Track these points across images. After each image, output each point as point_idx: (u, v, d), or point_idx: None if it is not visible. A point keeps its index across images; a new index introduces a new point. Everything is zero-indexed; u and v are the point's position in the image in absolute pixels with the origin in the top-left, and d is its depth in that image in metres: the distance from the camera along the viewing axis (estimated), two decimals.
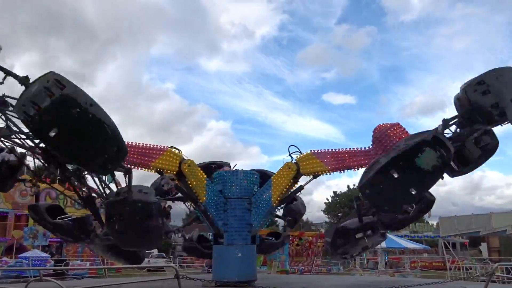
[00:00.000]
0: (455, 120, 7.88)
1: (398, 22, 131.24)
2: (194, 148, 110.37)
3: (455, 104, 7.87)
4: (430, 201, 8.63)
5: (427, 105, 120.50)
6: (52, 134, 5.56)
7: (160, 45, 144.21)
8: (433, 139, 6.79)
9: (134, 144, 8.57)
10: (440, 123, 7.88)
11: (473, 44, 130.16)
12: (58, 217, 8.36)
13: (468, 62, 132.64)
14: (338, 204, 66.31)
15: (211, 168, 10.15)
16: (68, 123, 5.64)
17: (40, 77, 5.63)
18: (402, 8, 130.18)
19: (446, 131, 7.90)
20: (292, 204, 10.54)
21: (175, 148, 8.93)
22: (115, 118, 6.48)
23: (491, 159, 7.90)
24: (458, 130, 7.92)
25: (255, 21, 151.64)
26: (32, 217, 9.04)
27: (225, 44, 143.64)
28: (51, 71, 5.68)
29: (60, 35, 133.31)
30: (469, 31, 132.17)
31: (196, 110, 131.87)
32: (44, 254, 24.39)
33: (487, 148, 7.66)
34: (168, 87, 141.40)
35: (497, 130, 7.83)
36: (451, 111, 8.03)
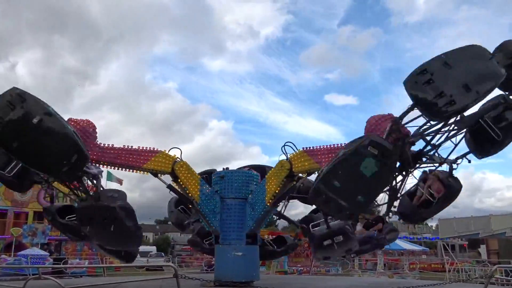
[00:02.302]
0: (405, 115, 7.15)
1: (403, 23, 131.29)
2: (195, 148, 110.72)
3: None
4: (456, 190, 7.94)
5: None
6: (15, 145, 6.09)
7: (164, 44, 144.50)
8: (370, 143, 6.29)
9: (127, 147, 8.91)
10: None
11: None
12: (67, 217, 8.85)
13: None
14: None
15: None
16: (28, 134, 6.07)
17: (3, 93, 6.11)
18: (406, 9, 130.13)
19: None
20: (315, 214, 9.63)
21: (176, 147, 9.11)
22: (117, 117, 6.56)
23: (491, 161, 7.85)
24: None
25: (259, 21, 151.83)
26: (46, 218, 9.60)
27: (229, 44, 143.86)
28: (13, 87, 6.17)
29: (64, 33, 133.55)
30: (472, 33, 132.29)
31: (198, 110, 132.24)
32: (43, 252, 24.38)
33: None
34: (170, 86, 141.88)
35: None
36: None
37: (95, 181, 8.11)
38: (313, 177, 9.06)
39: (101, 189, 8.45)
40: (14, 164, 7.74)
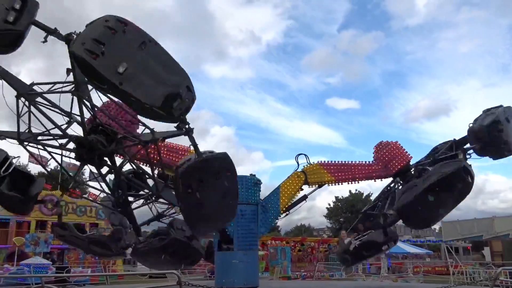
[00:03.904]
0: (471, 149, 9.07)
1: (403, 26, 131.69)
2: None
3: (469, 134, 8.96)
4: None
5: (432, 110, 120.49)
6: (122, 70, 4.98)
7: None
8: (463, 168, 8.03)
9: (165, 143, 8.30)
10: (454, 145, 9.33)
11: (476, 48, 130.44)
12: (89, 233, 8.20)
13: (470, 66, 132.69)
14: (340, 209, 66.11)
15: None
16: (135, 57, 5.13)
17: (96, 19, 5.23)
18: (407, 12, 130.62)
19: None
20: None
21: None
22: None
23: (494, 162, 8.61)
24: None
25: (261, 27, 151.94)
26: (60, 235, 8.19)
27: (231, 50, 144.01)
28: (107, 14, 5.27)
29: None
30: (473, 35, 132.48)
31: (200, 116, 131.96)
32: (45, 261, 24.30)
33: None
34: None
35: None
36: (455, 116, 8.35)
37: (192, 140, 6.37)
38: None
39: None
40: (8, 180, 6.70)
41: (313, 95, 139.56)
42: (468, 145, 9.24)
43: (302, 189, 9.60)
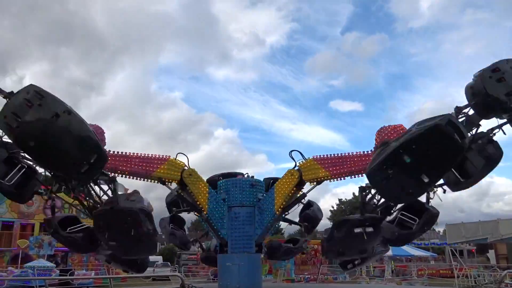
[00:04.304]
0: (468, 107, 7.14)
1: (407, 28, 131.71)
2: (201, 157, 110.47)
3: (466, 93, 7.11)
4: (433, 215, 7.76)
5: (436, 112, 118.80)
6: (31, 144, 5.91)
7: (169, 54, 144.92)
8: (448, 123, 6.01)
9: (135, 154, 8.80)
10: (453, 110, 7.18)
11: (481, 50, 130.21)
12: (69, 228, 8.15)
13: (475, 68, 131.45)
14: (343, 212, 65.88)
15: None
16: (46, 133, 5.91)
17: (20, 90, 6.04)
18: (411, 14, 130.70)
19: None
20: (309, 210, 10.14)
21: (182, 154, 8.99)
22: (123, 127, 6.67)
23: (499, 165, 7.26)
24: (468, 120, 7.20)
25: (264, 30, 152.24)
26: (48, 230, 8.81)
27: (235, 53, 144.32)
28: (31, 84, 6.06)
29: (70, 45, 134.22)
30: (477, 37, 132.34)
31: (204, 119, 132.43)
32: (49, 264, 24.36)
33: (491, 158, 7.11)
34: (176, 96, 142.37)
35: (504, 135, 7.41)
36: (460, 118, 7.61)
37: (112, 185, 7.88)
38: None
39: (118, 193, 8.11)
40: (14, 172, 7.05)
41: (316, 98, 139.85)
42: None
43: (302, 188, 9.30)
